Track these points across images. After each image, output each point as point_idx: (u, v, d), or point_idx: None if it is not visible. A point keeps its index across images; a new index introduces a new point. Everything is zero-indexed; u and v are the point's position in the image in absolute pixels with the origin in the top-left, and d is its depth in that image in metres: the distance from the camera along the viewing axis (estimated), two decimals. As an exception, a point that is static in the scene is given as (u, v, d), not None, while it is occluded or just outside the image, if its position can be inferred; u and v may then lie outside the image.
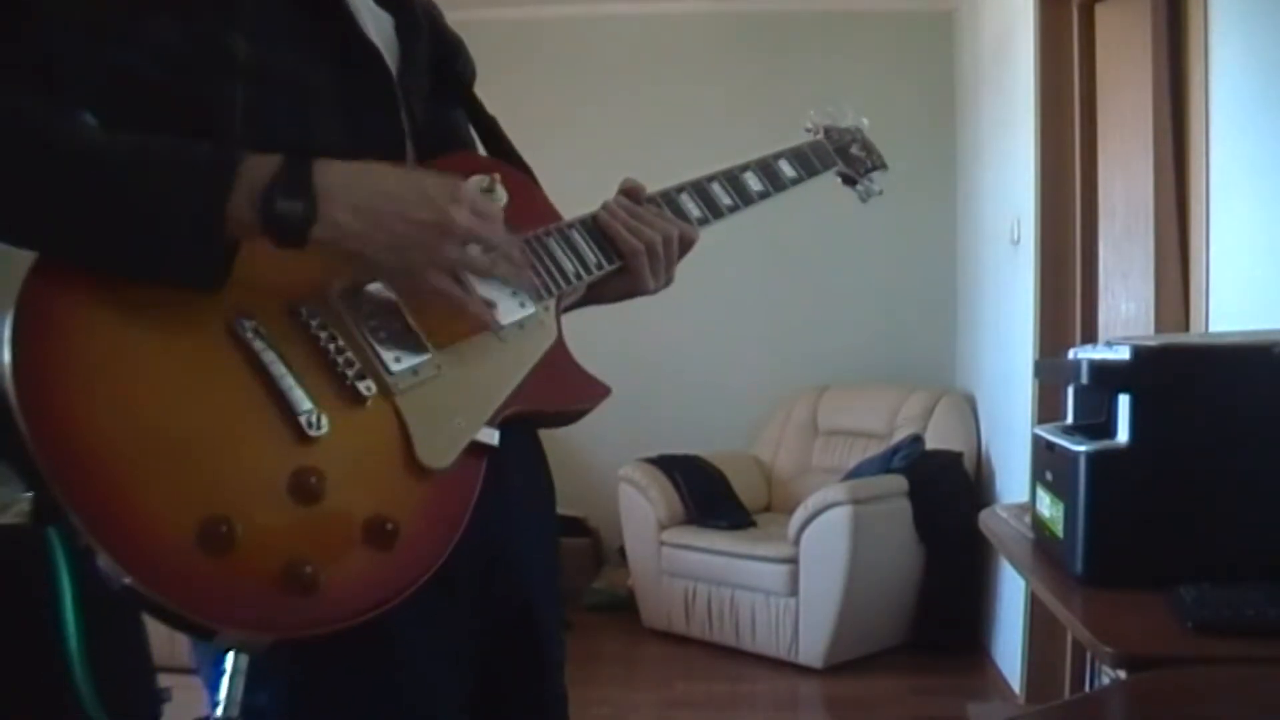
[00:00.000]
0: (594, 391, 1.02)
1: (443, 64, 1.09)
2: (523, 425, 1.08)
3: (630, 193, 1.12)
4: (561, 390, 1.00)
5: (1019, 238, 3.28)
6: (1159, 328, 2.46)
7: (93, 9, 0.83)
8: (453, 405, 0.90)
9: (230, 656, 0.79)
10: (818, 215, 4.67)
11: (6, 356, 0.73)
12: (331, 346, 0.85)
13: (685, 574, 3.94)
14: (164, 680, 1.63)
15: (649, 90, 4.63)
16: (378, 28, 1.00)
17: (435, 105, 1.05)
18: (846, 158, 1.44)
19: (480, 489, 0.90)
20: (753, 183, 1.26)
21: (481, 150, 1.13)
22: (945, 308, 4.53)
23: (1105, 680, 1.96)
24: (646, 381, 4.48)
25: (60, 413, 0.74)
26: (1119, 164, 2.79)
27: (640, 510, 4.06)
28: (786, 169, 1.31)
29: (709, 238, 1.21)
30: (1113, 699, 1.14)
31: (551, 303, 1.01)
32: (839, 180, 1.45)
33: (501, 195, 1.01)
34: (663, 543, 4.00)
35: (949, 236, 4.53)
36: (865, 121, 1.48)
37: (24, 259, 0.79)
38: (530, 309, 0.98)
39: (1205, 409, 1.27)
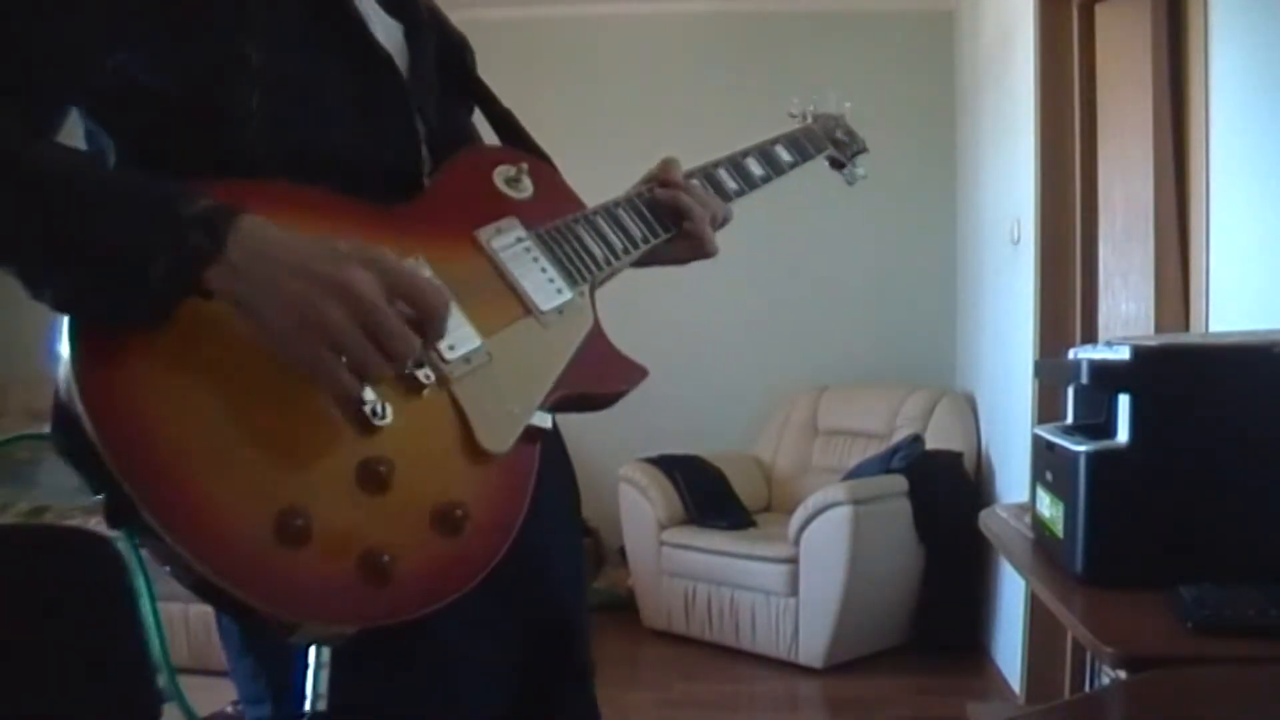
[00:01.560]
0: (635, 373, 1.04)
1: (451, 63, 1.10)
2: (555, 438, 1.09)
3: (668, 173, 1.19)
4: (605, 372, 1.02)
5: (1019, 238, 3.28)
6: (1159, 328, 2.46)
7: (105, 21, 0.82)
8: (505, 391, 0.91)
9: (312, 651, 0.79)
10: (817, 215, 4.68)
11: (66, 353, 0.73)
12: None
13: (685, 574, 3.94)
14: (164, 679, 1.63)
15: (649, 90, 4.63)
16: (387, 35, 1.00)
17: (447, 107, 1.05)
18: (834, 143, 1.48)
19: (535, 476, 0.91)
20: (755, 168, 1.31)
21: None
22: (945, 308, 4.53)
23: (1105, 680, 1.96)
24: (646, 381, 4.47)
25: (125, 412, 0.73)
26: (1119, 164, 2.79)
27: (640, 510, 4.06)
28: (784, 154, 1.36)
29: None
30: (1113, 699, 1.14)
31: (586, 287, 1.03)
32: (827, 164, 1.50)
33: (528, 185, 1.04)
34: (663, 543, 4.00)
35: (949, 236, 4.54)
36: (848, 106, 1.53)
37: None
38: (568, 294, 1.00)
39: (1205, 409, 1.27)
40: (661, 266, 1.22)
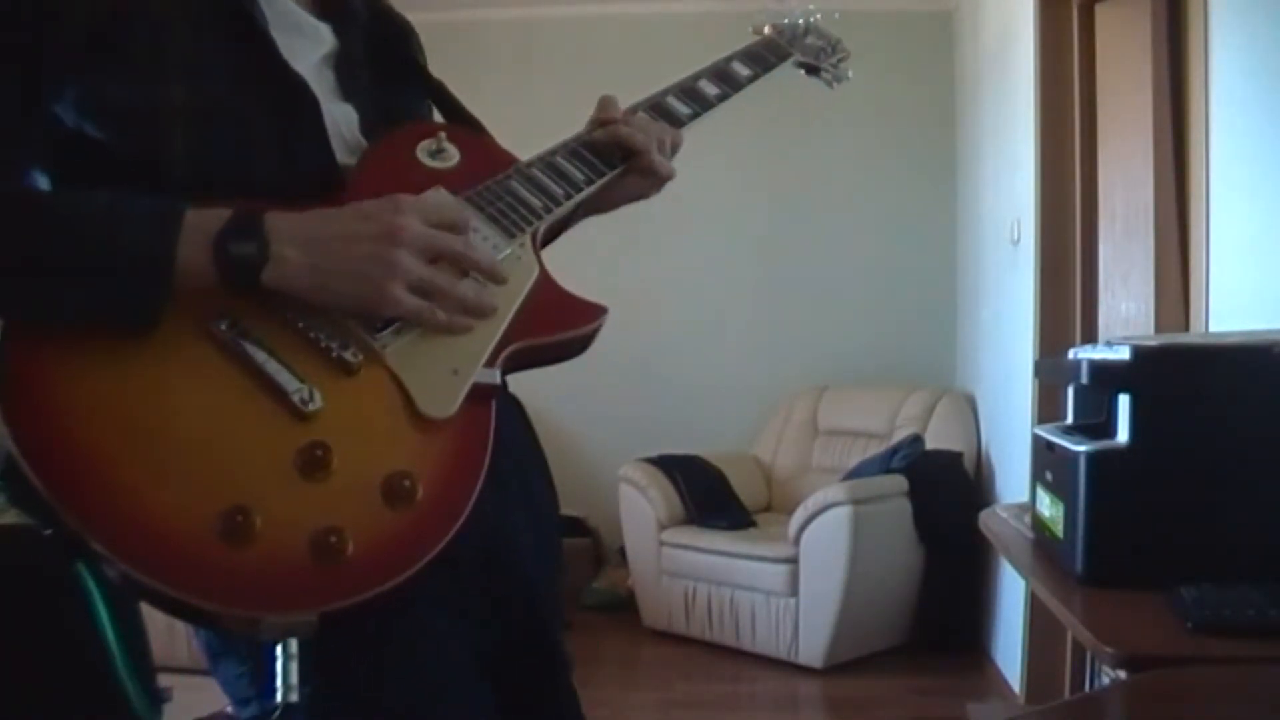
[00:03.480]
0: (589, 313, 1.01)
1: (391, 50, 1.10)
2: (521, 426, 1.08)
3: (605, 111, 1.17)
4: (555, 318, 1.00)
5: (1019, 238, 3.28)
6: (1159, 328, 2.46)
7: (31, 72, 0.84)
8: (444, 354, 0.90)
9: (280, 644, 0.79)
10: (818, 215, 4.68)
11: None
12: (308, 326, 0.86)
13: (685, 574, 3.94)
14: (164, 680, 1.63)
15: (649, 90, 4.62)
16: (315, 39, 1.01)
17: (389, 95, 1.06)
18: (803, 48, 1.43)
19: (491, 441, 0.90)
20: (709, 88, 1.28)
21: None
22: (945, 308, 4.53)
23: (1105, 680, 1.96)
24: (647, 381, 4.48)
25: (59, 446, 0.75)
26: (1119, 164, 2.79)
27: (640, 510, 4.06)
28: (741, 69, 1.32)
29: (707, 236, 1.22)
30: (1113, 699, 1.14)
31: (526, 239, 1.01)
32: (803, 72, 1.44)
33: (452, 152, 1.03)
34: (663, 543, 4.00)
35: (949, 236, 4.54)
36: (811, 7, 1.47)
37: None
38: (505, 249, 0.99)
39: (1205, 409, 1.27)
40: (626, 205, 1.19)
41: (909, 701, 3.42)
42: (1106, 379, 1.32)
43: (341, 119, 0.99)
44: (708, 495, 4.10)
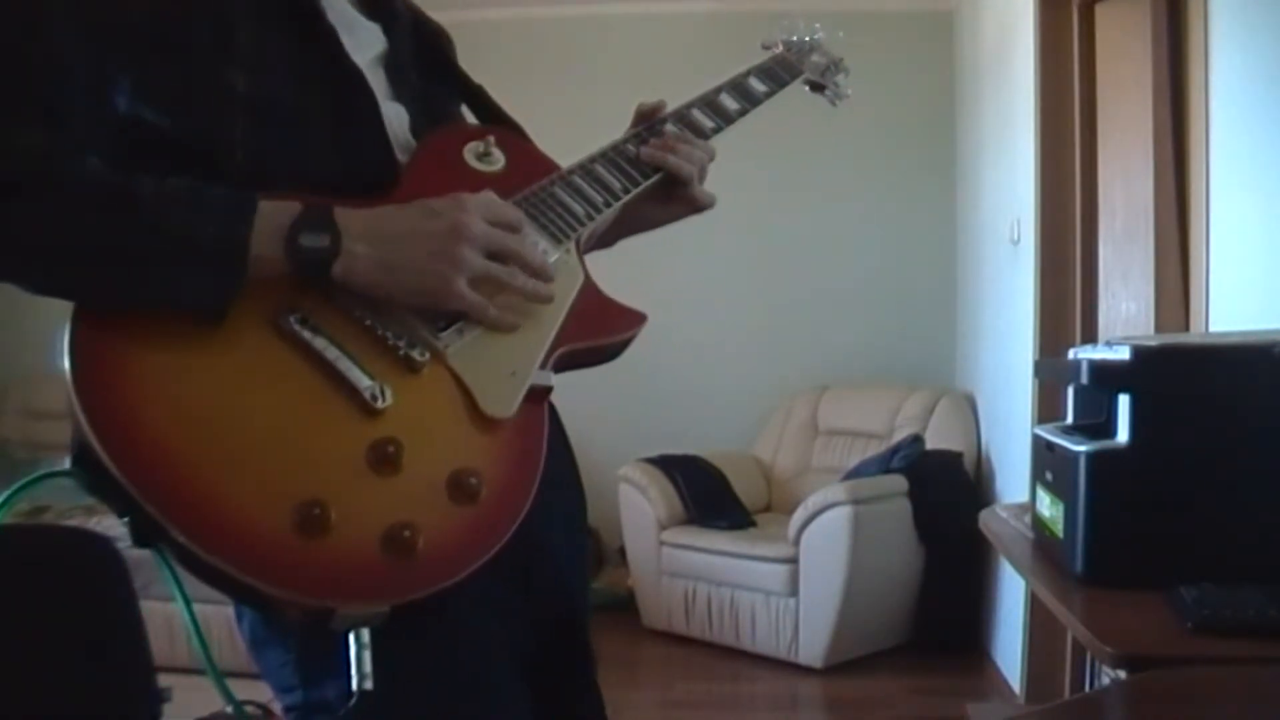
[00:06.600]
0: (632, 320, 1.05)
1: (431, 54, 1.12)
2: (554, 427, 1.09)
3: (647, 115, 1.22)
4: (601, 324, 1.03)
5: (1019, 238, 3.28)
6: (1159, 328, 2.46)
7: (96, 57, 0.85)
8: (503, 356, 0.93)
9: (353, 633, 0.81)
10: (818, 215, 4.68)
11: (70, 384, 0.76)
12: (375, 323, 0.88)
13: (685, 574, 3.94)
14: (164, 680, 1.63)
15: (649, 90, 4.62)
16: (368, 40, 1.02)
17: (431, 96, 1.08)
18: (810, 66, 1.49)
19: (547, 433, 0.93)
20: (730, 103, 1.31)
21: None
22: (945, 308, 4.53)
23: (1105, 680, 1.96)
24: (646, 381, 4.47)
25: (136, 436, 0.76)
26: (1119, 164, 2.79)
27: (640, 510, 4.06)
28: (758, 85, 1.36)
29: (707, 236, 1.24)
30: (1113, 699, 1.14)
31: (571, 245, 1.04)
32: (808, 89, 1.50)
33: (498, 156, 1.05)
34: (663, 543, 4.00)
35: (949, 236, 4.53)
36: (817, 27, 1.54)
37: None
38: (554, 254, 1.01)
39: (1205, 409, 1.27)
40: (662, 226, 1.22)
41: (909, 701, 3.42)
42: (1106, 379, 1.32)
43: (394, 118, 1.01)
44: (708, 495, 4.10)
